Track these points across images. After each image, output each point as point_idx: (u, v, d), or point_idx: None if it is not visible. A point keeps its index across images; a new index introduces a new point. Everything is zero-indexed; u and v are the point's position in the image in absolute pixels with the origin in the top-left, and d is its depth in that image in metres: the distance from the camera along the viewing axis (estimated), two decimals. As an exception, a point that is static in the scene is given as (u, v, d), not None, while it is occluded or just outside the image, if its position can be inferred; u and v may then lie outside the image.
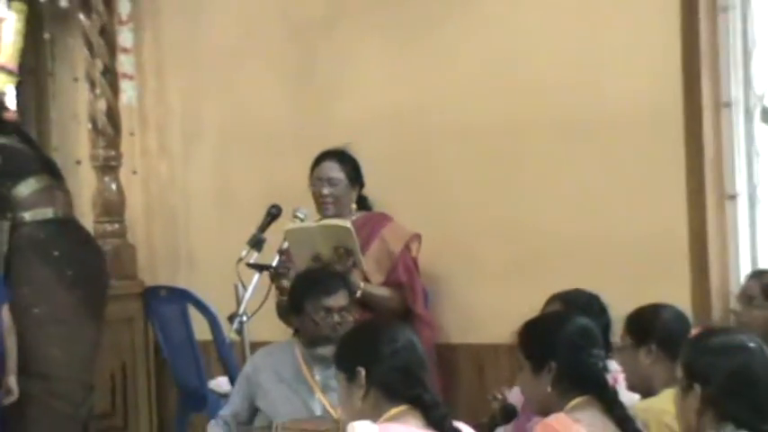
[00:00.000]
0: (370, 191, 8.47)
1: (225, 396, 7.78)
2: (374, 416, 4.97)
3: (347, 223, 7.97)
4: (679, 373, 4.95)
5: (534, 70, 8.59)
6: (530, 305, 6.45)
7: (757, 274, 7.48)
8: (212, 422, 7.27)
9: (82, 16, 10.11)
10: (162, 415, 9.65)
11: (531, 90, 8.59)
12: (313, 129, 9.05)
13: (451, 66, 8.92)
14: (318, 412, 7.13)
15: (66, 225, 9.12)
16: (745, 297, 7.19)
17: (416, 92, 9.05)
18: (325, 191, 8.17)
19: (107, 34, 10.07)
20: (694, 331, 6.06)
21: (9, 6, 9.98)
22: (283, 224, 8.14)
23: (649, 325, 6.11)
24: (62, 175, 8.93)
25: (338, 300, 7.15)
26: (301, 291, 7.26)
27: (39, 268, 8.84)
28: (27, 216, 8.71)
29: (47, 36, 10.34)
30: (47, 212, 8.81)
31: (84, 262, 9.16)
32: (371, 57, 9.29)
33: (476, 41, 8.80)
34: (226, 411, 7.39)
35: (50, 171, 8.86)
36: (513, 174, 8.69)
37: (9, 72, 9.99)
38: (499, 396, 6.68)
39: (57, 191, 8.90)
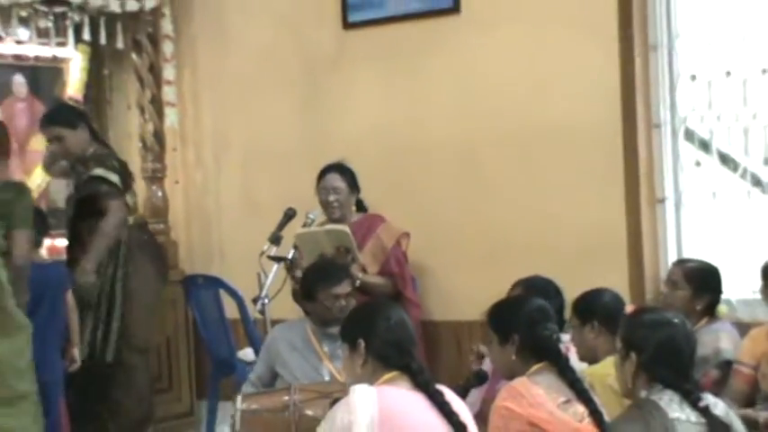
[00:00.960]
0: (366, 195, 8.53)
1: (250, 364, 7.80)
2: (371, 380, 5.00)
3: (346, 228, 8.06)
4: (618, 344, 4.99)
5: (500, 96, 8.64)
6: (497, 289, 6.49)
7: (680, 263, 7.50)
8: (244, 385, 7.31)
9: (134, 56, 10.12)
10: (199, 379, 9.67)
11: (497, 112, 8.64)
12: (319, 145, 9.09)
13: (431, 93, 8.96)
14: (326, 377, 7.16)
15: (146, 228, 9.31)
16: (670, 282, 7.22)
17: (403, 114, 9.10)
18: (331, 198, 8.26)
19: (154, 70, 10.07)
20: (629, 310, 6.12)
21: (76, 48, 9.99)
22: (298, 223, 8.21)
23: (592, 306, 6.12)
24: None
25: (344, 288, 7.19)
26: (313, 281, 7.29)
27: (145, 263, 8.96)
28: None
29: (106, 72, 10.33)
30: (130, 219, 8.91)
31: (163, 258, 9.37)
32: (367, 87, 9.32)
33: (451, 74, 8.84)
34: (252, 375, 7.42)
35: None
36: (483, 181, 8.73)
37: (76, 100, 10.02)
38: (475, 349, 6.72)
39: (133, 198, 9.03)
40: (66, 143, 8.57)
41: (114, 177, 8.53)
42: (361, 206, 8.49)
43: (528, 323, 5.52)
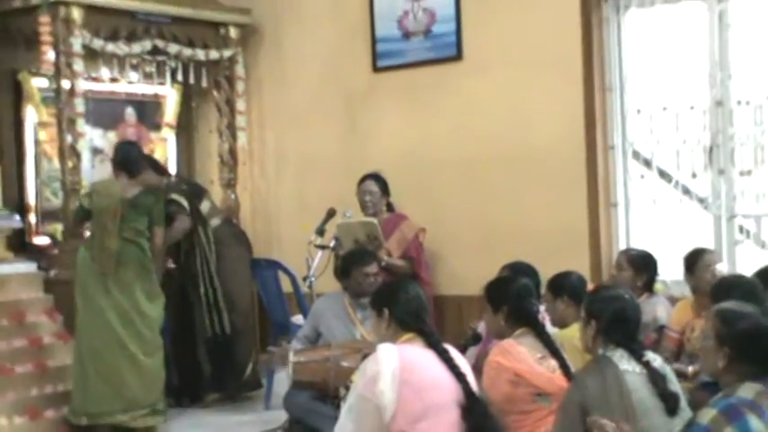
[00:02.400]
0: (394, 199, 8.57)
1: (300, 326, 7.79)
2: (393, 339, 4.98)
3: (374, 220, 8.17)
4: (582, 314, 4.97)
5: (492, 124, 8.64)
6: (489, 270, 6.45)
7: (625, 251, 7.55)
8: (294, 340, 7.31)
9: (215, 92, 10.11)
10: (263, 336, 9.63)
11: (490, 136, 8.63)
12: (355, 161, 9.08)
13: (441, 122, 8.96)
14: (358, 337, 7.15)
15: (232, 221, 9.43)
16: (618, 265, 7.23)
17: (419, 138, 9.10)
18: (367, 198, 8.38)
19: (230, 103, 10.06)
20: (590, 287, 6.10)
21: (172, 87, 10.01)
22: (337, 220, 8.23)
23: (563, 284, 6.10)
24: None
25: (372, 268, 7.21)
26: (350, 262, 7.34)
27: (236, 248, 9.17)
28: (215, 221, 8.95)
29: (193, 104, 10.34)
30: (218, 218, 9.07)
31: (248, 242, 9.49)
32: (392, 117, 9.31)
33: (455, 107, 8.85)
34: (301, 334, 7.42)
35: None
36: (479, 189, 8.73)
37: (171, 126, 10.05)
38: (472, 325, 6.70)
39: (212, 203, 9.06)
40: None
41: (183, 201, 8.64)
42: (390, 207, 8.56)
43: (515, 297, 5.51)
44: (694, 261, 6.78)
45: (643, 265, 7.09)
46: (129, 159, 7.99)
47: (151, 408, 7.82)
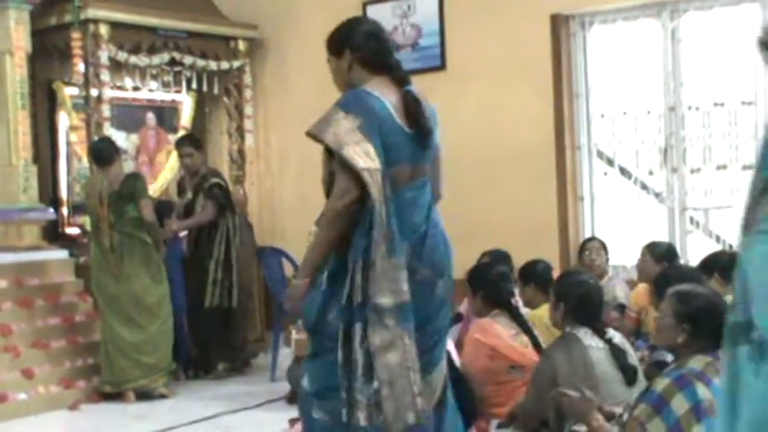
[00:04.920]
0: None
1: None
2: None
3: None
4: (552, 296, 5.05)
5: (472, 127, 8.61)
6: (470, 257, 6.53)
7: (587, 240, 7.62)
8: (298, 322, 7.34)
9: (225, 99, 10.13)
10: (267, 316, 9.66)
11: (471, 138, 8.58)
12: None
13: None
14: None
15: (240, 213, 9.36)
16: (581, 252, 7.31)
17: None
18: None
19: (238, 108, 10.08)
20: (558, 273, 6.17)
21: (187, 94, 10.03)
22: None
23: (531, 272, 6.17)
24: None
25: None
26: None
27: (248, 237, 9.27)
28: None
29: (207, 110, 10.35)
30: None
31: (252, 233, 9.62)
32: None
33: (440, 113, 8.82)
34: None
35: None
36: (461, 185, 8.72)
37: (187, 129, 10.07)
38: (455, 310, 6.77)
39: None
40: (193, 158, 8.68)
41: (225, 187, 8.80)
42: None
43: (492, 282, 5.58)
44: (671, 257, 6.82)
45: (603, 250, 7.32)
46: (99, 153, 8.07)
47: (166, 370, 8.04)
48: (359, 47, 4.30)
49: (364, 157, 3.97)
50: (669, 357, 4.66)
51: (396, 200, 4.06)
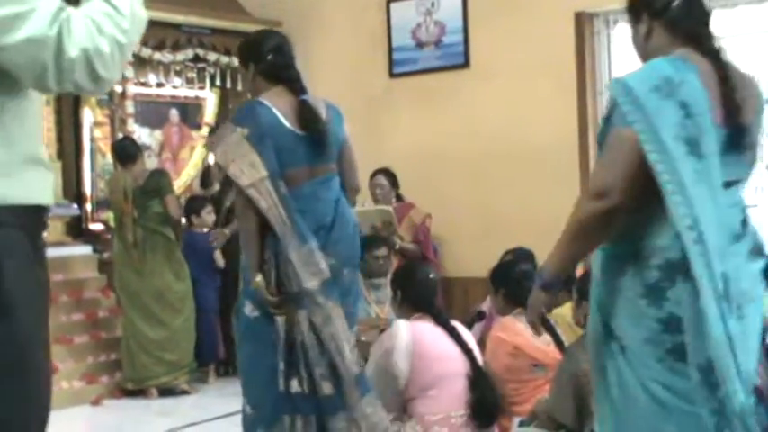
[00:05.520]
0: (408, 190, 8.54)
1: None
2: (407, 316, 5.02)
3: (390, 208, 8.09)
4: (574, 295, 4.99)
5: (496, 124, 8.62)
6: (492, 255, 6.48)
7: None
8: None
9: (249, 95, 10.11)
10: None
11: (494, 135, 8.61)
12: (374, 156, 9.04)
13: (449, 122, 8.94)
14: (373, 315, 7.19)
15: None
16: None
17: (430, 136, 9.08)
18: (377, 191, 8.31)
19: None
20: (579, 272, 6.10)
21: (211, 90, 10.03)
22: (354, 210, 8.22)
23: None
24: None
25: (381, 252, 7.22)
26: (362, 248, 7.36)
27: None
28: None
29: (230, 106, 10.32)
30: None
31: None
32: (406, 117, 9.31)
33: (463, 109, 8.83)
34: None
35: None
36: (484, 181, 8.73)
37: (210, 125, 10.05)
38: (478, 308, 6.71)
39: None
40: None
41: None
42: (399, 198, 8.50)
43: (515, 280, 5.52)
44: None
45: None
46: (122, 152, 8.07)
47: (188, 367, 8.03)
48: (260, 60, 4.77)
49: (249, 169, 4.46)
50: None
51: (294, 196, 4.53)
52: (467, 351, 4.86)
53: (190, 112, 10.14)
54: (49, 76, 2.38)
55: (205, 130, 9.97)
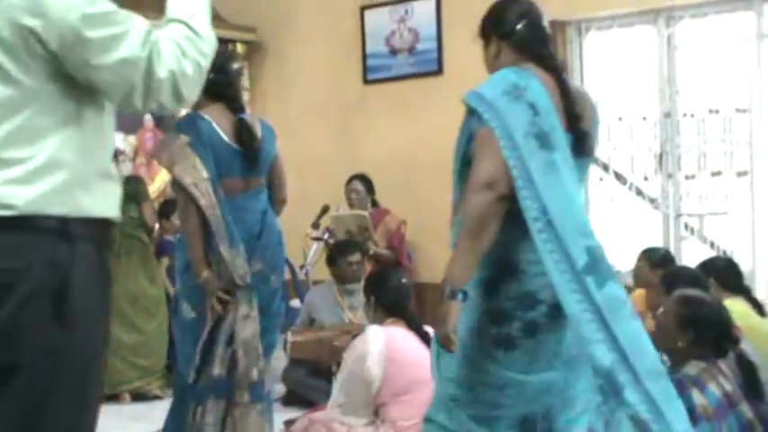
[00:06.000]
0: (382, 196, 8.60)
1: (297, 309, 7.78)
2: (380, 322, 5.02)
3: (366, 213, 8.13)
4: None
5: (442, 122, 8.47)
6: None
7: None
8: (294, 327, 7.37)
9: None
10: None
11: (445, 136, 8.47)
12: (348, 162, 9.07)
13: (423, 129, 8.92)
14: (346, 320, 7.21)
15: None
16: None
17: (404, 144, 9.08)
18: (353, 196, 8.39)
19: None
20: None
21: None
22: (330, 215, 8.25)
23: None
24: None
25: (355, 257, 7.28)
26: (335, 253, 7.41)
27: None
28: None
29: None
30: None
31: None
32: (380, 123, 9.30)
33: (437, 117, 8.80)
34: (298, 321, 7.50)
35: None
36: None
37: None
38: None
39: None
40: None
41: None
42: (375, 203, 8.52)
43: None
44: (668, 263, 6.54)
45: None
46: None
47: (161, 372, 8.03)
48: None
49: (191, 170, 4.85)
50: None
51: (229, 205, 4.95)
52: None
53: (164, 118, 10.08)
54: (137, 95, 2.51)
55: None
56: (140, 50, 2.48)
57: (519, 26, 3.69)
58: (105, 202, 2.59)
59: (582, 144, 3.59)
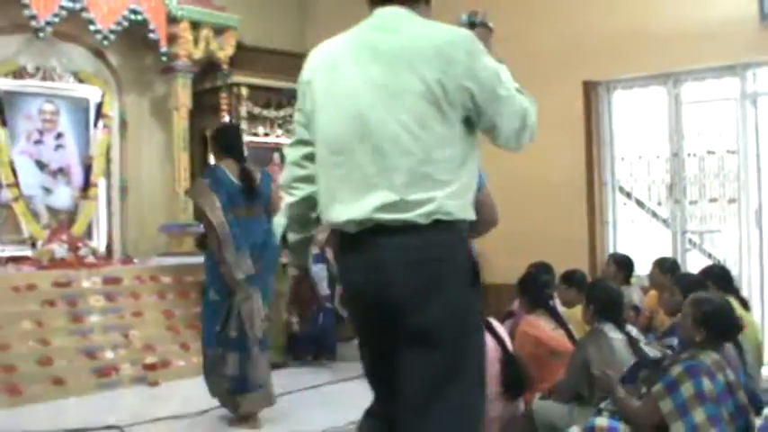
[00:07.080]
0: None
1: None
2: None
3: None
4: (584, 298, 5.04)
5: (521, 167, 8.01)
6: (519, 266, 6.48)
7: (611, 255, 7.37)
8: None
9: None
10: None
11: (519, 175, 8.28)
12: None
13: (482, 163, 8.89)
14: None
15: None
16: (606, 264, 7.15)
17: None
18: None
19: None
20: (590, 280, 6.15)
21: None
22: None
23: (572, 277, 6.07)
24: None
25: None
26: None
27: None
28: None
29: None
30: None
31: None
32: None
33: (492, 152, 8.75)
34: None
35: None
36: (513, 211, 8.50)
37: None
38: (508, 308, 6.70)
39: None
40: None
41: None
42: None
43: (537, 288, 5.58)
44: (675, 269, 6.58)
45: (622, 263, 6.91)
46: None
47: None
48: (218, 141, 6.08)
49: (211, 204, 5.68)
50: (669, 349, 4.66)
51: (236, 224, 5.69)
52: (500, 341, 4.84)
53: (282, 154, 10.24)
54: (520, 135, 2.93)
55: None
56: (523, 104, 2.92)
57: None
58: (471, 209, 2.91)
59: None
